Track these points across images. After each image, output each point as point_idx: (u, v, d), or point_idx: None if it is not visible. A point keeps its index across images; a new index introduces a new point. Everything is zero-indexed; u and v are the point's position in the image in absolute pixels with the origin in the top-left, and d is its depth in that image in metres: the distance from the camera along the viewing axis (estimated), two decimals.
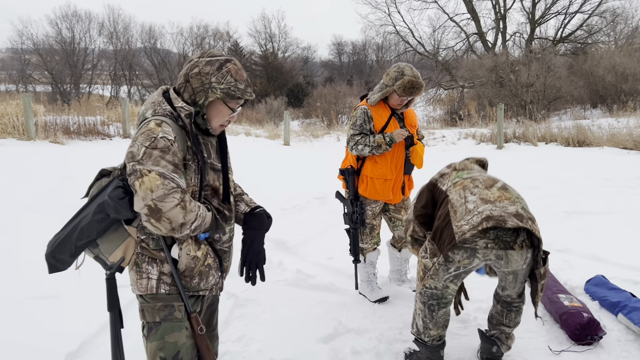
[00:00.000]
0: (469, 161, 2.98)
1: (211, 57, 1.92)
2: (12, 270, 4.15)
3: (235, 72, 1.90)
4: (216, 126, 1.97)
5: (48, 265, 1.92)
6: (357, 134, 3.54)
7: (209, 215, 1.90)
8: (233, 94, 1.89)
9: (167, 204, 1.73)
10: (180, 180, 1.79)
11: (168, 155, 1.78)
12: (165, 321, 1.92)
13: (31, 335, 3.19)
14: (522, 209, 2.54)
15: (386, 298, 3.71)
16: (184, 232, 1.81)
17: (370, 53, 53.75)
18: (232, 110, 1.94)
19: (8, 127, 11.18)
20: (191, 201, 1.81)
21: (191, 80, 1.90)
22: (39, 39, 45.60)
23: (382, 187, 3.60)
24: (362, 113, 3.55)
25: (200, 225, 1.86)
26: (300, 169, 9.70)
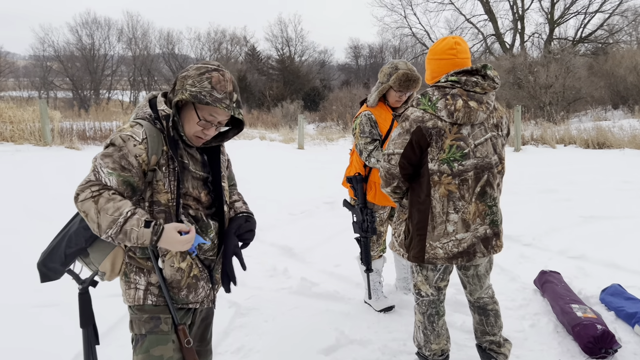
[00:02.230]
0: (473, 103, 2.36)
1: (203, 64, 1.87)
2: (20, 275, 4.14)
3: (217, 81, 1.81)
4: (190, 134, 1.88)
5: (40, 274, 1.89)
6: (370, 143, 3.41)
7: (141, 232, 1.70)
8: (202, 98, 1.78)
9: (83, 194, 1.72)
10: (107, 177, 1.74)
11: (117, 153, 1.77)
12: (151, 334, 1.87)
13: (35, 341, 3.17)
14: (490, 225, 2.49)
15: (392, 307, 3.60)
16: (102, 235, 1.71)
17: (387, 56, 53.52)
18: (199, 118, 1.84)
19: (25, 133, 11.32)
20: (109, 201, 1.69)
21: (177, 83, 1.86)
22: (60, 45, 46.54)
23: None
24: (367, 119, 3.43)
25: (122, 237, 1.70)
26: (312, 173, 9.62)
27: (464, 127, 2.39)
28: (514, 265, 4.34)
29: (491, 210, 2.47)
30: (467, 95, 2.37)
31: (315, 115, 30.49)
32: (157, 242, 1.73)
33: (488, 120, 2.45)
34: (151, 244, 1.72)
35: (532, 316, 3.48)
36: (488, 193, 2.45)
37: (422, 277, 2.64)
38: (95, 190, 1.71)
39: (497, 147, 2.46)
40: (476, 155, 2.40)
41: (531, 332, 3.27)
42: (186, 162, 1.90)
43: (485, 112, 2.40)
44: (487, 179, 2.43)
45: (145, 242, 1.72)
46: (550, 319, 3.42)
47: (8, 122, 11.45)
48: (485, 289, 2.72)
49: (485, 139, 2.42)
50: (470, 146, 2.39)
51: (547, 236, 5.08)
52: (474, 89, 2.38)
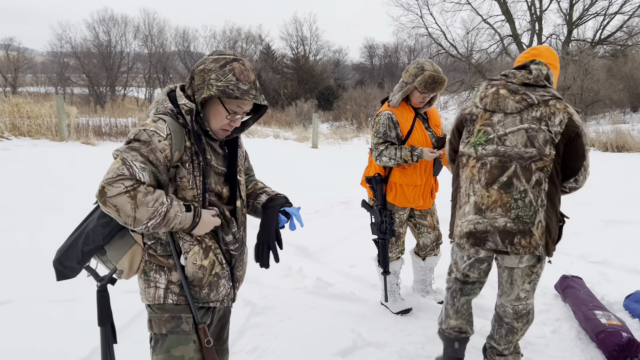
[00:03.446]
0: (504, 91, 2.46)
1: (219, 55, 1.83)
2: (33, 270, 4.14)
3: (240, 72, 1.79)
4: (216, 128, 1.86)
5: (56, 272, 1.85)
6: (381, 143, 3.36)
7: (182, 216, 1.73)
8: (230, 93, 1.76)
9: (114, 189, 1.63)
10: (140, 172, 1.68)
11: (145, 148, 1.71)
12: (172, 333, 1.83)
13: (44, 339, 3.15)
14: (514, 220, 2.40)
15: (409, 310, 3.54)
16: (137, 227, 1.68)
17: (402, 56, 53.31)
18: (228, 112, 1.82)
19: (42, 128, 11.41)
20: (147, 195, 1.67)
21: (195, 77, 1.82)
22: (77, 42, 47.02)
23: (412, 193, 3.43)
24: (387, 119, 3.36)
25: (164, 224, 1.71)
26: (326, 173, 9.57)
27: (496, 114, 2.48)
28: None
29: (517, 204, 2.39)
30: (504, 85, 2.48)
31: (329, 114, 30.44)
32: (198, 223, 1.77)
33: (529, 112, 2.40)
34: (192, 226, 1.76)
35: (553, 322, 3.39)
36: (514, 185, 2.40)
37: (453, 260, 2.74)
38: (130, 185, 1.65)
39: (534, 139, 2.38)
40: (504, 144, 2.42)
41: (553, 338, 3.19)
42: (209, 158, 1.86)
43: (520, 102, 2.41)
44: (514, 170, 2.39)
45: (186, 226, 1.75)
46: (572, 325, 3.33)
47: (25, 117, 11.55)
48: (513, 299, 2.59)
49: (518, 129, 2.40)
50: (496, 132, 2.45)
51: (567, 240, 4.96)
52: (512, 80, 2.49)
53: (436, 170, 3.51)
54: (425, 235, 3.60)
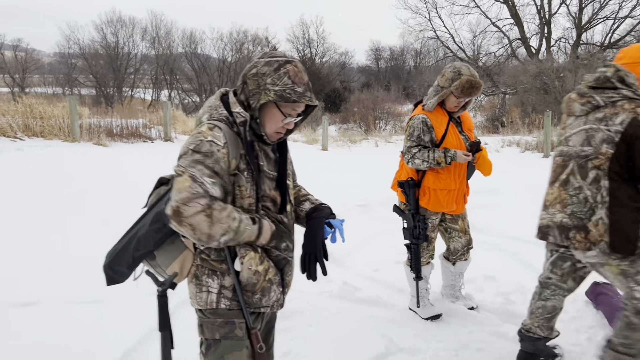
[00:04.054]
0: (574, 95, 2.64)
1: (271, 57, 1.80)
2: (56, 270, 4.12)
3: (294, 74, 1.77)
4: (270, 132, 1.84)
5: (106, 277, 1.84)
6: (414, 146, 3.33)
7: (250, 229, 1.74)
8: (288, 97, 1.75)
9: (190, 209, 1.61)
10: (212, 187, 1.67)
11: (209, 160, 1.68)
12: (226, 339, 1.81)
13: (75, 340, 3.13)
14: (570, 215, 2.53)
15: (439, 315, 3.50)
16: (211, 243, 1.68)
17: (409, 59, 53.37)
18: (284, 116, 1.80)
19: (54, 129, 11.42)
20: (222, 211, 1.66)
21: (248, 82, 1.79)
22: (85, 43, 47.18)
23: (445, 198, 3.40)
24: (421, 123, 3.33)
25: (234, 239, 1.71)
26: (339, 175, 9.53)
27: (570, 117, 2.65)
28: None
29: (572, 200, 2.52)
30: (577, 90, 2.64)
31: (336, 117, 30.44)
32: (260, 234, 1.78)
33: (594, 113, 2.51)
34: (257, 237, 1.77)
35: (587, 329, 3.35)
36: (571, 182, 2.54)
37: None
38: (205, 203, 1.63)
39: (592, 139, 2.47)
40: (568, 144, 2.59)
41: (589, 346, 3.14)
42: (262, 164, 1.84)
43: (585, 105, 2.54)
44: (572, 168, 2.54)
45: (252, 238, 1.76)
46: (606, 332, 3.28)
47: (38, 117, 11.56)
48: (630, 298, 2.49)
49: (580, 130, 2.54)
50: (565, 134, 2.63)
51: None
52: (583, 84, 2.64)
53: (469, 174, 3.48)
54: (456, 239, 3.57)
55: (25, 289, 3.77)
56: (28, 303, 3.56)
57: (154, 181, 1.97)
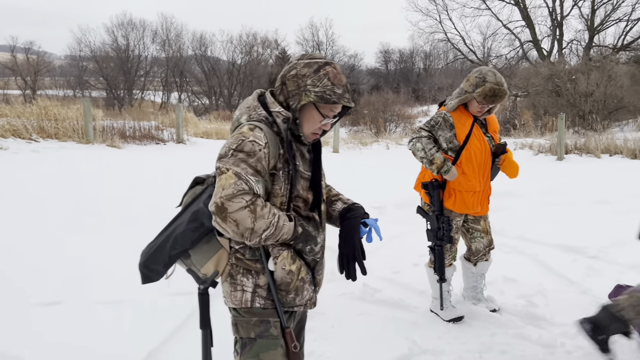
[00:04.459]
0: None
1: (310, 59, 1.82)
2: (77, 272, 4.15)
3: (334, 76, 1.79)
4: (308, 133, 1.86)
5: (141, 275, 1.85)
6: (425, 130, 3.37)
7: (288, 226, 1.76)
8: (328, 98, 1.76)
9: (234, 205, 1.64)
10: (256, 185, 1.70)
11: (252, 159, 1.71)
12: (261, 338, 1.82)
13: (98, 340, 3.15)
14: None
15: (461, 318, 3.48)
16: (253, 239, 1.70)
17: (418, 61, 53.28)
18: (323, 117, 1.82)
19: (69, 131, 11.51)
20: (264, 207, 1.69)
21: (287, 83, 1.81)
22: (96, 46, 47.53)
23: (471, 199, 3.39)
24: (441, 118, 3.35)
25: (274, 235, 1.73)
26: (351, 177, 9.52)
27: None
28: (582, 278, 4.18)
29: None
30: None
31: (346, 119, 30.40)
32: (299, 233, 1.80)
33: None
34: (293, 236, 1.78)
35: None
36: None
37: None
38: (249, 199, 1.67)
39: None
40: None
41: (617, 349, 3.11)
42: (298, 164, 1.85)
43: None
44: None
45: (289, 236, 1.78)
46: (632, 335, 3.25)
47: (53, 119, 11.66)
48: None
49: None
50: None
51: (613, 249, 4.89)
52: None
53: (493, 175, 3.48)
54: (478, 240, 3.56)
55: (46, 289, 3.80)
56: (51, 303, 3.59)
57: (169, 182, 2.00)
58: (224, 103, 46.71)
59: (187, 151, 11.97)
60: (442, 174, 3.28)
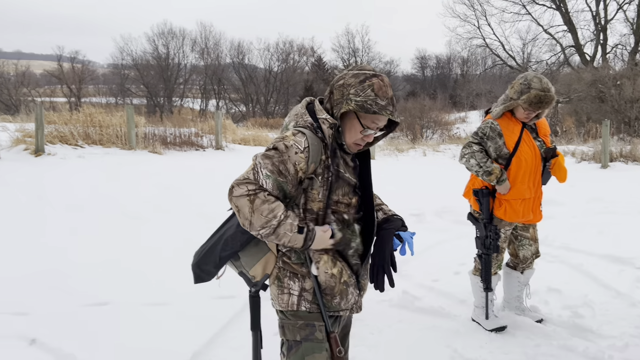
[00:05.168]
0: None
1: (359, 70, 1.86)
2: (123, 274, 4.28)
3: (379, 88, 1.81)
4: (350, 142, 1.88)
5: (194, 275, 1.93)
6: (476, 143, 3.33)
7: (292, 236, 1.75)
8: (368, 108, 1.78)
9: (238, 190, 1.74)
10: (264, 179, 1.76)
11: (277, 158, 1.77)
12: (307, 341, 1.85)
13: (144, 340, 3.24)
14: None
15: (504, 328, 3.42)
16: (252, 231, 1.76)
17: (455, 67, 52.71)
18: (363, 127, 1.84)
19: (112, 137, 11.88)
20: (265, 203, 1.72)
21: (334, 92, 1.85)
22: (137, 55, 48.88)
23: (521, 207, 3.33)
24: (489, 127, 3.31)
25: (273, 238, 1.75)
26: (388, 184, 9.47)
27: None
28: (631, 290, 4.05)
29: None
30: None
31: None
32: (310, 245, 1.78)
33: None
34: (304, 248, 1.78)
35: None
36: None
37: None
38: (252, 189, 1.74)
39: None
40: None
41: None
42: (342, 171, 1.88)
43: None
44: None
45: (297, 246, 1.78)
46: None
47: (97, 126, 12.06)
48: None
49: None
50: None
51: None
52: None
53: (545, 180, 3.40)
54: (526, 247, 3.49)
55: (96, 290, 3.93)
56: (101, 303, 3.72)
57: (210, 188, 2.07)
58: (260, 110, 47.29)
59: (226, 157, 12.17)
60: (499, 183, 3.25)
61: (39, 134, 9.71)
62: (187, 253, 3.21)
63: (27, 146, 9.77)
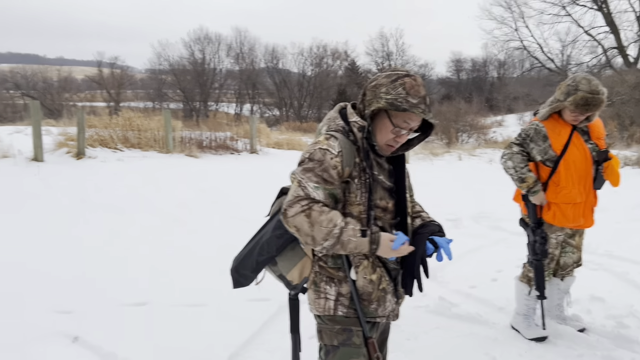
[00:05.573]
0: None
1: (392, 71, 1.84)
2: (161, 274, 4.36)
3: (410, 86, 1.77)
4: (381, 143, 1.86)
5: (233, 280, 1.94)
6: (517, 144, 3.25)
7: (357, 241, 1.72)
8: (398, 105, 1.75)
9: (292, 210, 1.72)
10: (314, 191, 1.73)
11: (318, 167, 1.76)
12: (344, 346, 1.84)
13: (182, 340, 3.28)
14: None
15: (544, 338, 3.32)
16: (316, 247, 1.73)
17: (492, 70, 51.89)
18: (394, 126, 1.81)
19: (150, 141, 12.14)
20: (322, 214, 1.70)
21: (367, 93, 1.84)
22: (174, 60, 49.89)
23: (571, 212, 3.21)
24: (533, 130, 3.22)
25: (338, 248, 1.72)
26: (424, 189, 9.35)
27: None
28: None
29: None
30: None
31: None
32: (376, 250, 1.74)
33: None
34: (370, 252, 1.74)
35: None
36: None
37: None
38: (305, 204, 1.71)
39: None
40: None
41: None
42: (376, 173, 1.86)
43: None
44: None
45: (363, 250, 1.74)
46: None
47: (136, 130, 12.34)
48: None
49: None
50: None
51: None
52: None
53: (599, 185, 3.26)
54: (568, 255, 3.39)
55: (135, 290, 4.01)
56: (140, 303, 3.79)
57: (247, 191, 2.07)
58: (293, 114, 47.57)
59: (260, 161, 12.27)
60: (531, 194, 3.18)
61: (81, 137, 10.00)
62: (222, 255, 3.26)
63: (69, 149, 10.06)
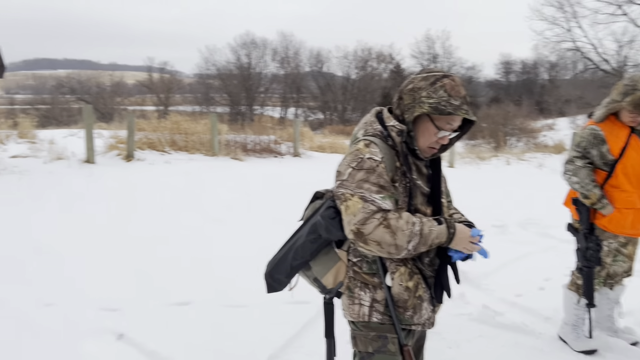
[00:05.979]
0: None
1: (428, 73, 1.81)
2: (206, 275, 4.43)
3: (451, 88, 1.74)
4: (423, 147, 1.82)
5: (266, 284, 1.94)
6: (579, 158, 3.11)
7: (437, 230, 1.72)
8: (442, 109, 1.72)
9: (369, 226, 1.65)
10: (383, 202, 1.69)
11: (373, 176, 1.71)
12: (379, 353, 1.82)
13: (224, 342, 3.32)
14: None
15: (594, 351, 3.18)
16: (401, 253, 1.69)
17: (542, 72, 50.42)
18: (438, 129, 1.77)
19: (197, 144, 12.42)
20: (399, 219, 1.67)
21: (404, 97, 1.81)
22: (221, 64, 50.91)
23: (630, 218, 3.06)
24: (591, 135, 3.08)
25: (423, 243, 1.70)
26: (469, 193, 9.17)
27: None
28: None
29: None
30: None
31: None
32: (454, 235, 1.74)
33: None
34: (448, 238, 1.74)
35: None
36: None
37: None
38: (380, 216, 1.67)
39: None
40: None
41: None
42: (415, 178, 1.83)
43: None
44: None
45: (443, 239, 1.74)
46: None
47: (183, 133, 12.66)
48: None
49: None
50: None
51: None
52: None
53: None
54: (619, 263, 3.23)
55: (177, 290, 4.10)
56: (183, 303, 3.87)
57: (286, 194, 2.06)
58: (337, 118, 47.63)
59: (303, 164, 12.35)
60: (597, 208, 3.06)
61: (130, 140, 10.35)
62: (264, 258, 3.28)
63: (119, 152, 10.43)
